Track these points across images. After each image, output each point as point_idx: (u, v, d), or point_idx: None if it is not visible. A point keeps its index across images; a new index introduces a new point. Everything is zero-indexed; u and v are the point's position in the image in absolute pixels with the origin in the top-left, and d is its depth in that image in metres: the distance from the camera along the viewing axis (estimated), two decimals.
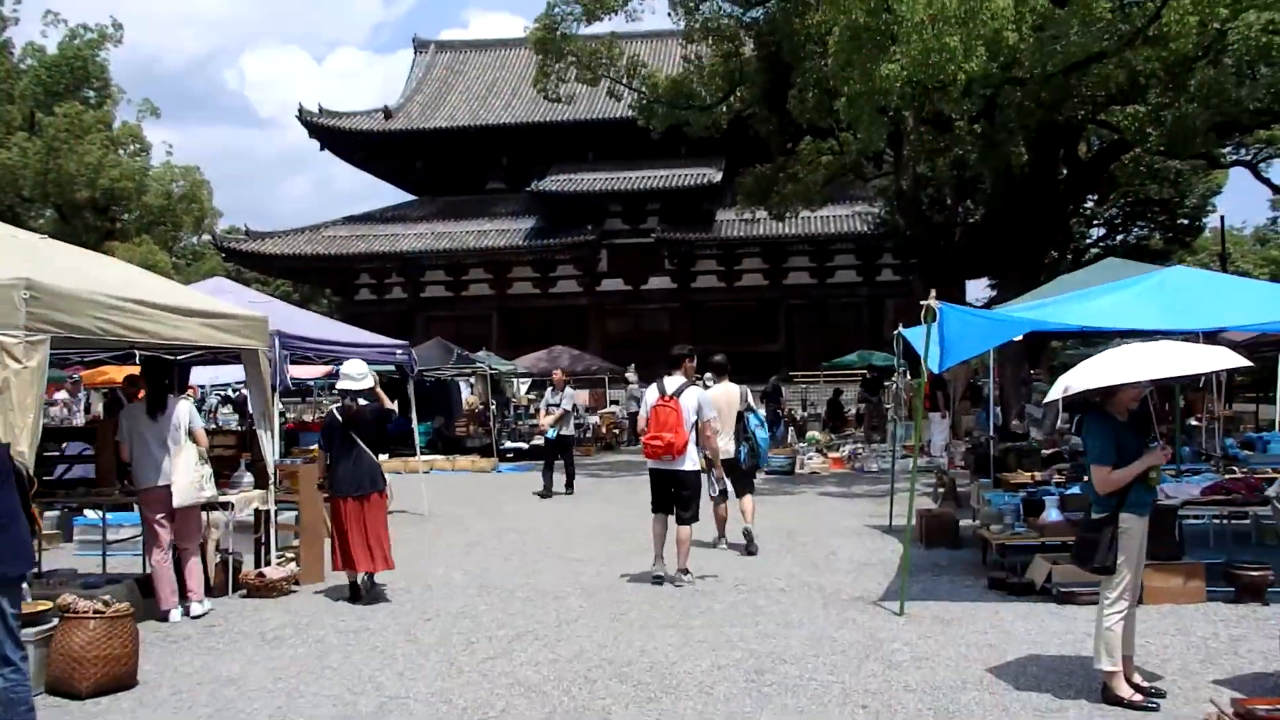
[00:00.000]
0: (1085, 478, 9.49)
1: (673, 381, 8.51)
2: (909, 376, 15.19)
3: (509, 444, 22.38)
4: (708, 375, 10.36)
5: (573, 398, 16.18)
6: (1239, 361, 5.31)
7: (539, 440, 17.68)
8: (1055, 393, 5.27)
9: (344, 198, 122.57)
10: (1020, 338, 11.33)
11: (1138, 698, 5.11)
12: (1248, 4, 12.76)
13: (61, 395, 21.04)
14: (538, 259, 41.55)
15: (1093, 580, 6.45)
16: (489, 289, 42.57)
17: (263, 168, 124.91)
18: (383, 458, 9.03)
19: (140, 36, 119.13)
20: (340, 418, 8.35)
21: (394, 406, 9.22)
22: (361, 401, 8.43)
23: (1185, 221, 32.53)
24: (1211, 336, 9.24)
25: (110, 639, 5.84)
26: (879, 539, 10.66)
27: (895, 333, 10.64)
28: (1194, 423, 19.84)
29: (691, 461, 8.43)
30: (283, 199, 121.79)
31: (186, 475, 7.71)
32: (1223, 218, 29.44)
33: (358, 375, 8.51)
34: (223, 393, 26.85)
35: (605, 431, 26.05)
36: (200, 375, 25.47)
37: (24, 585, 5.31)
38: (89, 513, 10.41)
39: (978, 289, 38.51)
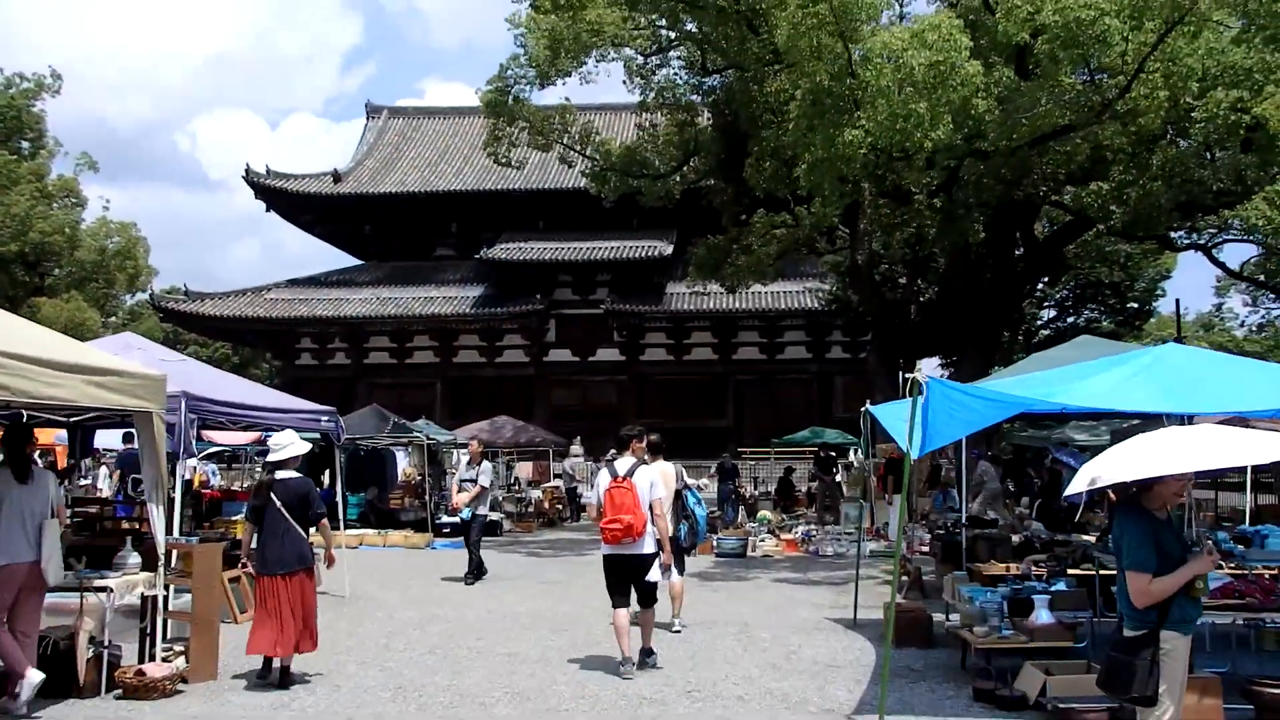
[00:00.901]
0: (1087, 578, 8.73)
1: (624, 463, 8.23)
2: (868, 456, 14.44)
3: (446, 519, 21.17)
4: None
5: (490, 472, 14.37)
6: None
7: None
8: (1080, 484, 4.44)
9: (293, 263, 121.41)
10: None
11: None
12: (1216, 81, 12.44)
13: None
14: (485, 327, 40.82)
15: (1094, 694, 5.66)
16: (434, 357, 41.70)
17: (212, 231, 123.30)
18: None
19: (94, 101, 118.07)
20: (269, 490, 7.87)
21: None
22: (287, 474, 8.00)
23: (1135, 305, 32.59)
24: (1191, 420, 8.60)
25: None
26: (844, 635, 9.74)
27: (862, 409, 9.83)
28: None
29: (651, 543, 8.08)
30: (231, 263, 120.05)
31: (58, 553, 6.82)
32: (1178, 301, 29.59)
33: (276, 446, 8.11)
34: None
35: (548, 506, 24.97)
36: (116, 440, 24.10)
37: None
38: None
39: (928, 369, 38.19)
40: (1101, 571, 8.38)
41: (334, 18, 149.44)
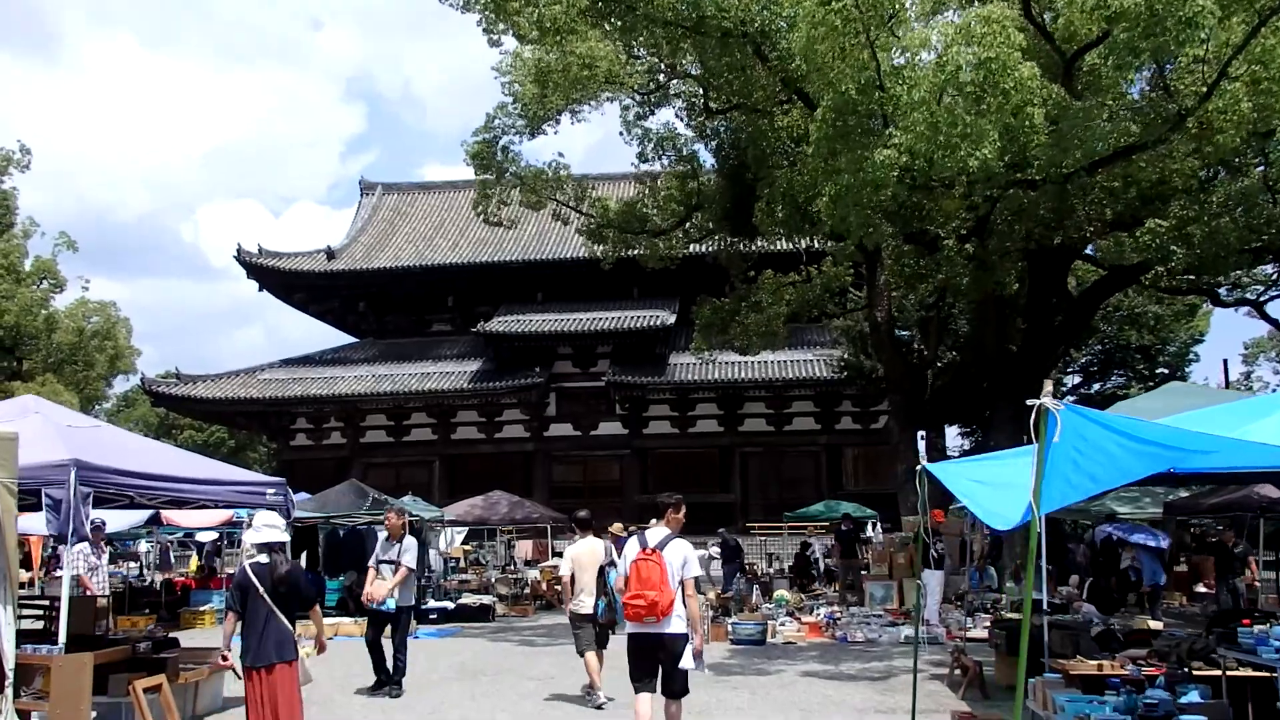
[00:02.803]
0: None
1: (656, 533, 7.52)
2: (923, 524, 12.61)
3: (432, 603, 19.35)
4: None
5: (414, 550, 11.58)
6: None
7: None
8: None
9: (294, 346, 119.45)
10: None
11: None
12: None
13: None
14: (483, 403, 39.21)
15: None
16: (431, 434, 40.12)
17: (215, 319, 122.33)
18: None
19: (96, 194, 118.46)
20: (254, 575, 7.14)
21: None
22: (275, 558, 7.30)
23: (1165, 370, 30.91)
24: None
25: None
26: None
27: (918, 468, 8.04)
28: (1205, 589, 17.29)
29: (680, 623, 7.31)
30: (236, 349, 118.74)
31: None
32: (1225, 362, 27.92)
33: (260, 525, 7.44)
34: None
35: (546, 588, 23.01)
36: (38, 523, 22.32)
37: None
38: None
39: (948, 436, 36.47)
40: (1230, 673, 6.58)
41: (336, 106, 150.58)
